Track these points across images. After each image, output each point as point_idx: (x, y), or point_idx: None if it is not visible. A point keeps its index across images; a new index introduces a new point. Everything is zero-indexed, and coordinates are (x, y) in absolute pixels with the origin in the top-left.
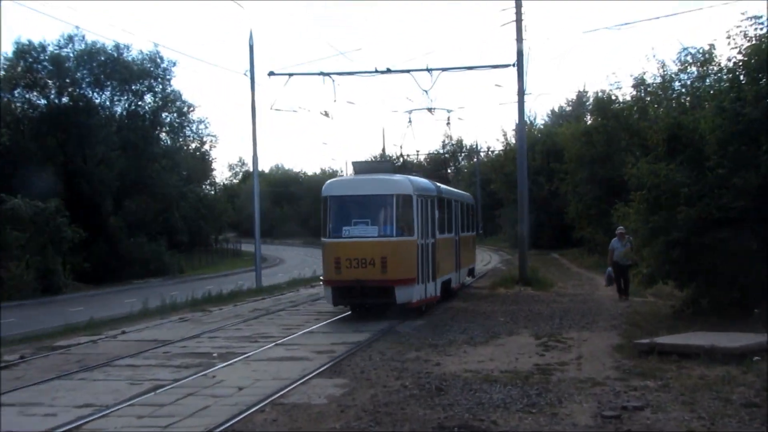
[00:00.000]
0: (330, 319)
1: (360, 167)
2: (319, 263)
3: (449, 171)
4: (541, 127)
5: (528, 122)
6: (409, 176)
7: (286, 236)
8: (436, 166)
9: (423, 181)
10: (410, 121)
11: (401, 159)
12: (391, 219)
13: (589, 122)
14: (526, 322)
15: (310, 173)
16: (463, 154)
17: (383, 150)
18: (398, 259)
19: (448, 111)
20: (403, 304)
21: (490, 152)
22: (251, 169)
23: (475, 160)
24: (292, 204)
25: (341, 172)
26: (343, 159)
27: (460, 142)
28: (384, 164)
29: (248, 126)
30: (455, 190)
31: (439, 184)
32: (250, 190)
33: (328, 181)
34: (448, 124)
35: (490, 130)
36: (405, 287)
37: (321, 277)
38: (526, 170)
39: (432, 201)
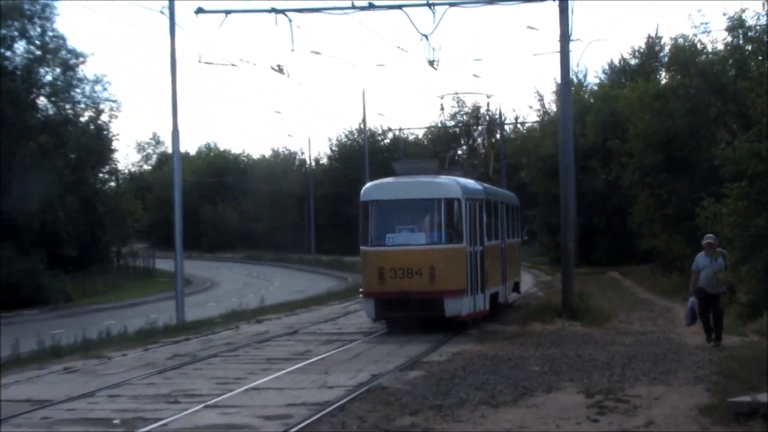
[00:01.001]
0: (287, 368)
1: (402, 168)
2: (277, 290)
3: (460, 153)
4: (595, 88)
5: (575, 81)
6: (456, 177)
7: (223, 248)
8: (440, 144)
9: (470, 182)
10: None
11: (388, 133)
12: (439, 225)
13: (664, 82)
14: (572, 372)
15: (256, 156)
16: (479, 128)
17: (363, 122)
18: (447, 268)
19: (459, 64)
20: (452, 317)
21: (519, 125)
22: (170, 151)
23: (497, 137)
24: (231, 201)
25: (302, 154)
26: (305, 135)
27: (475, 110)
28: (428, 165)
29: (166, 88)
30: (499, 189)
31: (485, 184)
32: (168, 180)
33: (369, 185)
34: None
35: (519, 93)
36: (455, 299)
37: (360, 289)
38: (573, 151)
39: (480, 204)
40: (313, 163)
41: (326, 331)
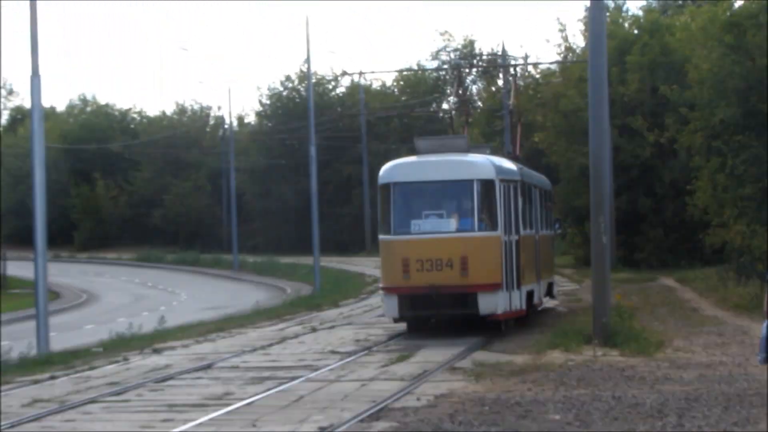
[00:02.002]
0: (197, 419)
1: (425, 145)
2: (184, 305)
3: (446, 107)
4: (639, 14)
5: (611, 6)
6: (489, 156)
7: (105, 245)
8: (417, 95)
9: (504, 161)
10: None
11: (343, 79)
12: (471, 210)
13: (740, 3)
14: (608, 423)
15: (153, 113)
16: (475, 72)
17: (307, 63)
18: (481, 258)
19: None
20: (485, 315)
21: (530, 69)
22: (27, 105)
23: (500, 83)
24: (116, 177)
25: (219, 110)
26: (224, 83)
27: (468, 46)
28: (456, 141)
29: (24, 14)
30: (533, 171)
31: (519, 164)
32: (24, 148)
33: (390, 165)
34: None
35: (531, 24)
36: (489, 294)
37: (380, 285)
38: (608, 104)
39: (515, 187)
40: (235, 123)
41: (254, 365)
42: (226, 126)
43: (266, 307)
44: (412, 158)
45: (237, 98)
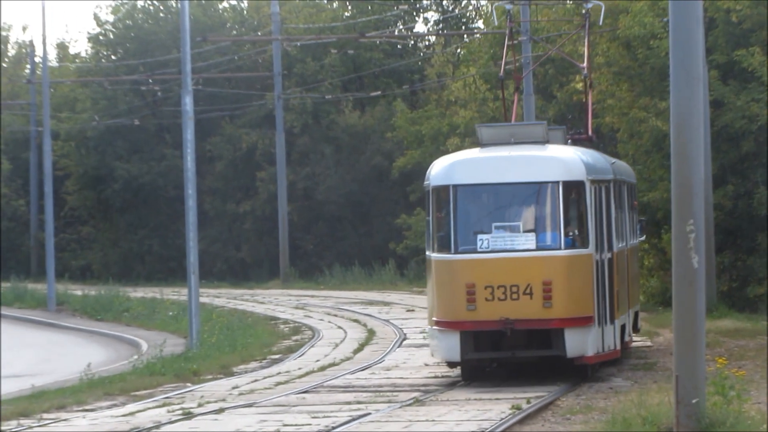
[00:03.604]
0: None
1: (490, 135)
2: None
3: (421, 33)
4: None
5: None
6: (575, 148)
7: None
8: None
9: (593, 154)
10: None
11: None
12: (556, 221)
13: None
14: None
15: None
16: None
17: None
18: (569, 284)
19: None
20: (573, 358)
21: None
22: None
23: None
24: None
25: (25, 33)
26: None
27: None
28: (532, 129)
29: None
30: (621, 162)
31: (607, 156)
32: None
33: (447, 161)
34: None
35: None
36: (579, 331)
37: (434, 319)
38: (703, 31)
39: (606, 188)
40: (54, 55)
41: None
42: (36, 59)
43: (105, 376)
44: (476, 152)
45: (56, 13)
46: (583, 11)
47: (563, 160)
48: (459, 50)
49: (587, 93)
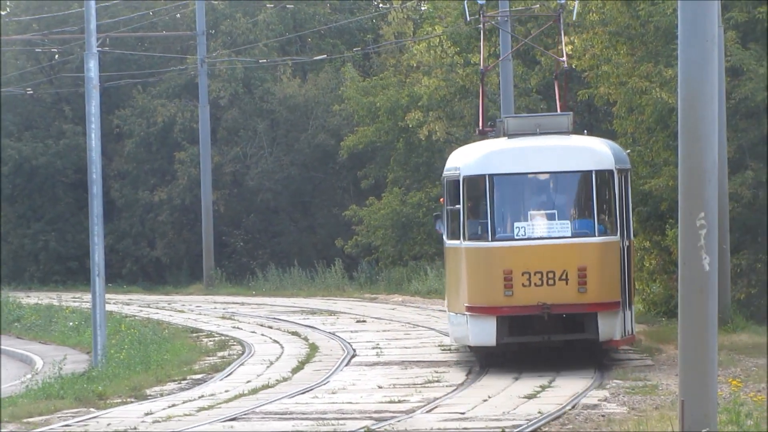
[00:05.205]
0: None
1: (517, 125)
2: None
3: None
4: None
5: None
6: (600, 138)
7: None
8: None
9: (613, 145)
10: None
11: None
12: (590, 208)
13: None
14: None
15: None
16: None
17: None
18: (601, 270)
19: None
20: (604, 342)
21: None
22: None
23: None
24: None
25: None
26: None
27: None
28: (557, 119)
29: None
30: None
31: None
32: None
33: (482, 151)
34: None
35: None
36: (610, 315)
37: (466, 305)
38: None
39: (626, 177)
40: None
41: None
42: None
43: None
44: (506, 142)
45: None
46: (555, 5)
47: (593, 150)
48: (422, 5)
49: (564, 88)
